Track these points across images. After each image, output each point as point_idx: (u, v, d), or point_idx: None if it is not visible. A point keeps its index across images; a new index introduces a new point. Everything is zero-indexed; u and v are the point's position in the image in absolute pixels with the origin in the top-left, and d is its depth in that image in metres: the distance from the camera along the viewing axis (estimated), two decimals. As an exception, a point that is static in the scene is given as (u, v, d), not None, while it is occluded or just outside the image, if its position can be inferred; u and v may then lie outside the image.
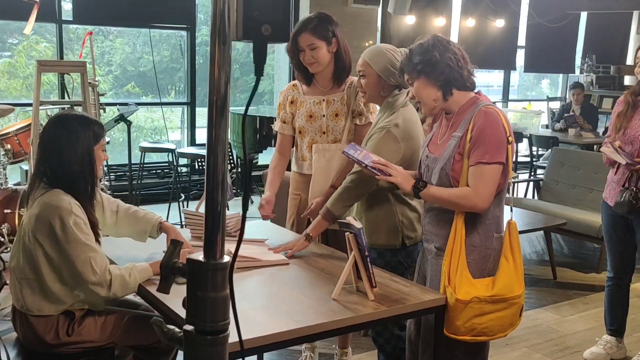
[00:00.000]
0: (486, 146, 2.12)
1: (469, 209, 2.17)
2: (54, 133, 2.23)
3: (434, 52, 2.19)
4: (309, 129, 2.86)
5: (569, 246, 5.66)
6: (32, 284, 2.20)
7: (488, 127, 2.14)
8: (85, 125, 2.24)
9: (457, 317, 2.15)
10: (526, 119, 8.38)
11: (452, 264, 2.17)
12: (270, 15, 1.08)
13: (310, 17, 2.80)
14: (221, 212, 1.11)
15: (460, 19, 8.81)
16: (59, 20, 6.28)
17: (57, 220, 2.11)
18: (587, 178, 5.33)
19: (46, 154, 2.22)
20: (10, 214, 4.34)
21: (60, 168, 2.19)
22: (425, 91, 2.23)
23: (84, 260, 2.12)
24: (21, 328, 2.27)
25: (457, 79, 2.22)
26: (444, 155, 2.21)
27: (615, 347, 3.43)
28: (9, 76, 7.85)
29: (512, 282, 2.20)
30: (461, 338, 2.18)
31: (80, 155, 2.20)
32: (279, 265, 2.42)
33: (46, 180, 2.20)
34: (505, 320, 2.21)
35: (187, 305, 1.11)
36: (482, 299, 2.15)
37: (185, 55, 7.26)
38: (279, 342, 1.87)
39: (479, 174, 2.14)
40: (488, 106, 2.20)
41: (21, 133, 4.61)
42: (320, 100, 2.86)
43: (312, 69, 2.81)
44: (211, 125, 1.07)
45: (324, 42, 2.75)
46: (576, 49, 10.36)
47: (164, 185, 6.87)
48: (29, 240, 2.18)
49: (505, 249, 2.22)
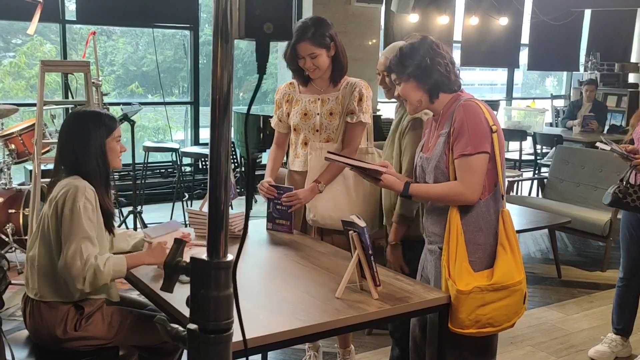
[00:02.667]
0: (467, 138, 2.16)
1: (459, 201, 2.19)
2: (68, 130, 2.38)
3: (425, 57, 2.22)
4: (303, 126, 2.90)
5: (574, 244, 5.64)
6: (45, 270, 2.26)
7: (467, 119, 2.17)
8: (97, 121, 2.37)
9: (460, 310, 2.15)
10: (530, 117, 8.36)
11: (450, 256, 2.18)
12: (273, 13, 1.07)
13: (305, 24, 2.78)
14: (224, 211, 1.11)
15: (463, 17, 8.79)
16: (63, 20, 6.30)
17: (70, 199, 2.20)
18: (592, 176, 5.31)
19: (64, 151, 2.37)
20: (14, 214, 4.36)
21: (76, 162, 2.33)
22: (413, 93, 2.27)
23: (76, 244, 2.16)
24: (31, 319, 2.30)
25: (445, 83, 2.26)
26: (436, 153, 2.25)
27: (621, 345, 3.43)
28: (13, 77, 7.87)
29: (512, 269, 2.21)
30: (467, 332, 2.18)
31: (93, 149, 2.34)
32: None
33: (66, 170, 2.34)
34: (510, 309, 2.22)
35: (190, 304, 1.11)
36: (482, 288, 2.16)
37: (188, 54, 7.27)
38: (283, 341, 1.87)
39: (464, 166, 2.17)
40: (467, 100, 2.23)
41: (25, 133, 4.62)
42: (315, 99, 2.89)
43: (312, 75, 2.85)
44: (214, 124, 1.07)
45: (323, 50, 2.78)
46: (580, 47, 10.33)
47: (168, 185, 6.88)
48: (46, 226, 2.26)
49: (501, 237, 2.23)
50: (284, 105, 2.98)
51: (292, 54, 2.80)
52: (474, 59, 9.11)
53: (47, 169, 5.08)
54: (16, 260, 4.26)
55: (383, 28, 7.93)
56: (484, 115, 2.19)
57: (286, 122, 2.99)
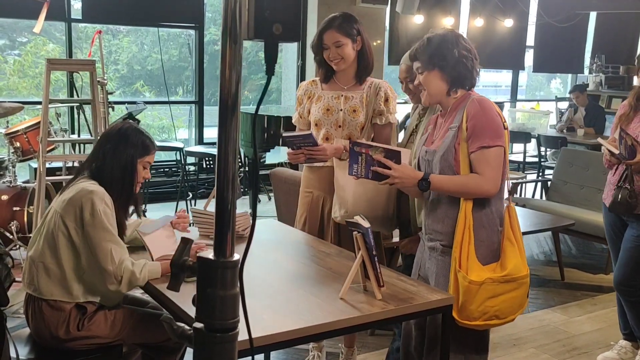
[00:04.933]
0: (485, 131, 2.17)
1: (478, 194, 2.19)
2: (110, 136, 2.40)
3: (453, 49, 2.23)
4: (324, 122, 2.88)
5: (577, 247, 5.64)
6: (49, 268, 2.26)
7: (483, 113, 2.19)
8: (137, 136, 2.40)
9: (471, 301, 2.16)
10: (534, 119, 8.35)
11: (462, 250, 2.19)
12: (281, 14, 1.08)
13: (335, 15, 2.84)
14: (231, 211, 1.11)
15: (468, 18, 8.79)
16: (69, 18, 6.31)
17: (89, 203, 2.21)
18: (596, 178, 5.30)
19: (97, 152, 2.39)
20: (19, 212, 4.37)
21: (102, 166, 2.34)
22: (434, 82, 2.27)
23: (105, 247, 2.20)
24: (33, 320, 2.30)
25: (468, 77, 2.27)
26: (443, 146, 2.25)
27: (631, 352, 3.38)
28: (19, 75, 7.89)
29: (519, 262, 2.24)
30: (473, 324, 2.20)
31: (124, 159, 2.35)
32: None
33: (89, 174, 2.34)
34: (515, 301, 2.24)
35: (197, 303, 1.12)
36: (494, 279, 2.18)
37: (193, 54, 7.27)
38: (287, 340, 1.87)
39: (483, 159, 2.17)
40: (480, 96, 2.26)
41: (30, 131, 4.63)
42: (338, 95, 2.88)
43: (337, 67, 2.83)
44: (222, 124, 1.08)
45: (349, 40, 2.79)
46: (585, 49, 10.31)
47: (172, 184, 6.89)
48: (55, 224, 2.25)
49: (507, 232, 2.25)
50: (305, 101, 2.97)
51: (318, 44, 2.81)
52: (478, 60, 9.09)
53: (51, 167, 5.10)
54: (20, 258, 4.27)
55: (388, 29, 7.93)
56: (496, 111, 2.23)
57: (307, 119, 2.97)
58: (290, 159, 2.77)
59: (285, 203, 4.26)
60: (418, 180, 2.23)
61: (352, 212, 2.68)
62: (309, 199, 2.99)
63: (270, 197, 6.64)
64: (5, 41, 8.08)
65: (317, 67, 2.95)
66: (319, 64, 2.91)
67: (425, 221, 2.39)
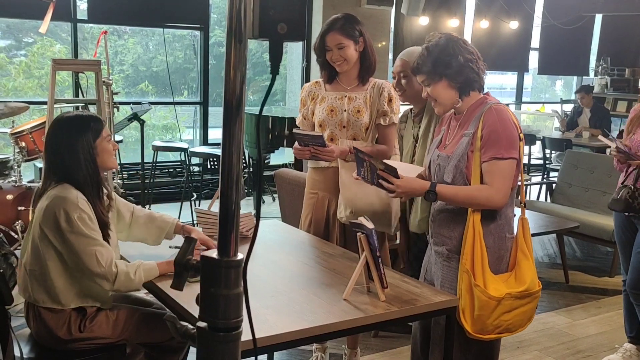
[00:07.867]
0: (500, 142, 2.14)
1: (487, 205, 2.16)
2: (54, 139, 2.29)
3: (456, 55, 2.18)
4: (329, 122, 2.88)
5: (582, 249, 5.62)
6: (38, 277, 2.24)
7: (500, 124, 2.15)
8: (82, 125, 2.28)
9: (489, 315, 2.15)
10: (539, 122, 8.34)
11: (475, 262, 2.16)
12: (286, 14, 1.08)
13: (337, 17, 2.84)
14: (235, 211, 1.11)
15: (473, 20, 8.78)
16: (74, 19, 6.33)
17: (62, 212, 2.15)
18: (601, 181, 5.29)
19: (51, 158, 2.29)
20: (24, 211, 4.38)
21: (66, 171, 2.25)
22: (444, 92, 2.23)
23: (89, 253, 2.16)
24: (34, 323, 2.29)
25: (476, 80, 2.23)
26: (457, 152, 2.21)
27: (635, 355, 3.37)
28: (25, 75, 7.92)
29: (535, 277, 2.23)
30: (486, 337, 2.18)
31: (82, 156, 2.25)
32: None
33: (56, 179, 2.26)
34: (526, 314, 2.24)
35: (200, 302, 1.12)
36: (513, 294, 2.16)
37: (198, 55, 7.29)
38: (290, 341, 1.87)
39: (494, 170, 2.14)
40: (498, 104, 2.21)
41: (35, 131, 4.64)
42: (342, 96, 2.88)
43: (339, 68, 2.84)
44: (227, 124, 1.08)
45: (351, 41, 2.79)
46: (591, 52, 10.29)
47: (176, 184, 6.90)
48: (37, 233, 2.22)
49: (521, 245, 2.23)
50: (309, 103, 2.98)
51: (321, 45, 2.82)
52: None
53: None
54: (25, 257, 4.28)
55: (393, 30, 7.93)
56: (512, 121, 2.18)
57: (311, 120, 2.97)
58: (296, 154, 2.80)
59: (289, 204, 4.26)
60: (425, 191, 2.20)
61: (357, 212, 2.69)
62: (314, 200, 2.99)
63: (274, 198, 6.65)
64: (11, 41, 8.12)
65: (320, 68, 2.96)
66: (322, 66, 2.92)
67: (432, 225, 2.38)
